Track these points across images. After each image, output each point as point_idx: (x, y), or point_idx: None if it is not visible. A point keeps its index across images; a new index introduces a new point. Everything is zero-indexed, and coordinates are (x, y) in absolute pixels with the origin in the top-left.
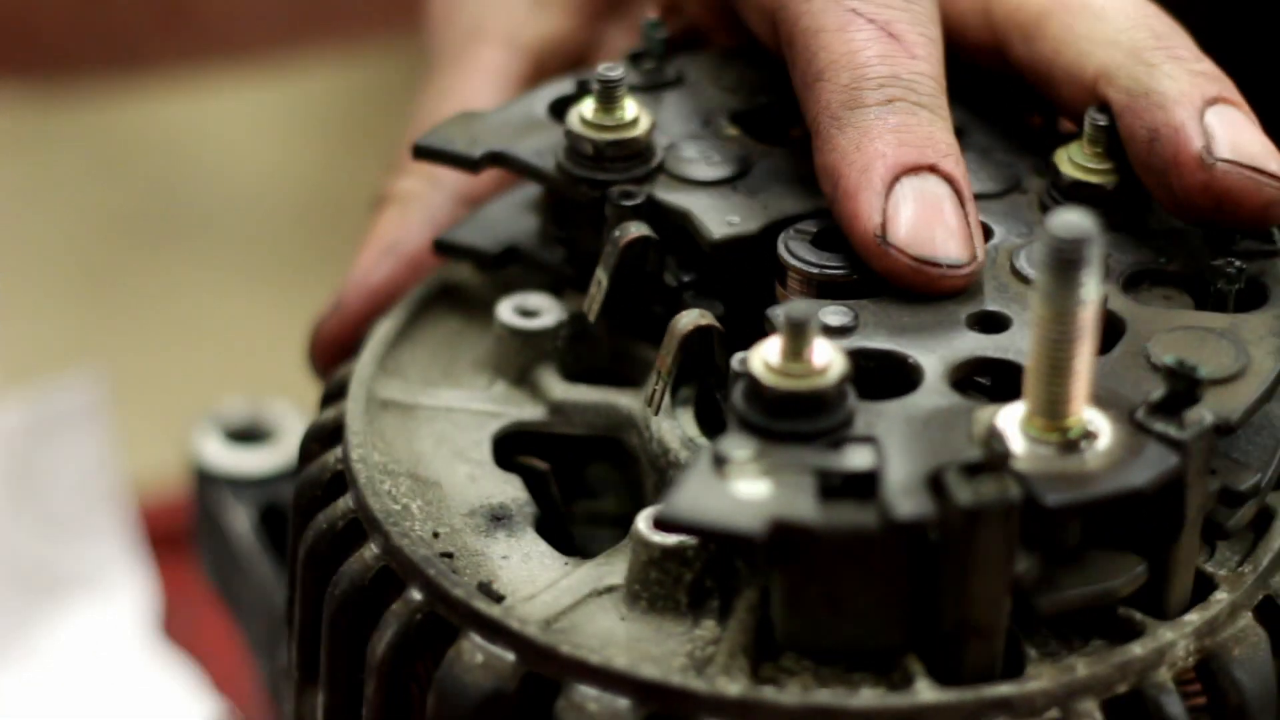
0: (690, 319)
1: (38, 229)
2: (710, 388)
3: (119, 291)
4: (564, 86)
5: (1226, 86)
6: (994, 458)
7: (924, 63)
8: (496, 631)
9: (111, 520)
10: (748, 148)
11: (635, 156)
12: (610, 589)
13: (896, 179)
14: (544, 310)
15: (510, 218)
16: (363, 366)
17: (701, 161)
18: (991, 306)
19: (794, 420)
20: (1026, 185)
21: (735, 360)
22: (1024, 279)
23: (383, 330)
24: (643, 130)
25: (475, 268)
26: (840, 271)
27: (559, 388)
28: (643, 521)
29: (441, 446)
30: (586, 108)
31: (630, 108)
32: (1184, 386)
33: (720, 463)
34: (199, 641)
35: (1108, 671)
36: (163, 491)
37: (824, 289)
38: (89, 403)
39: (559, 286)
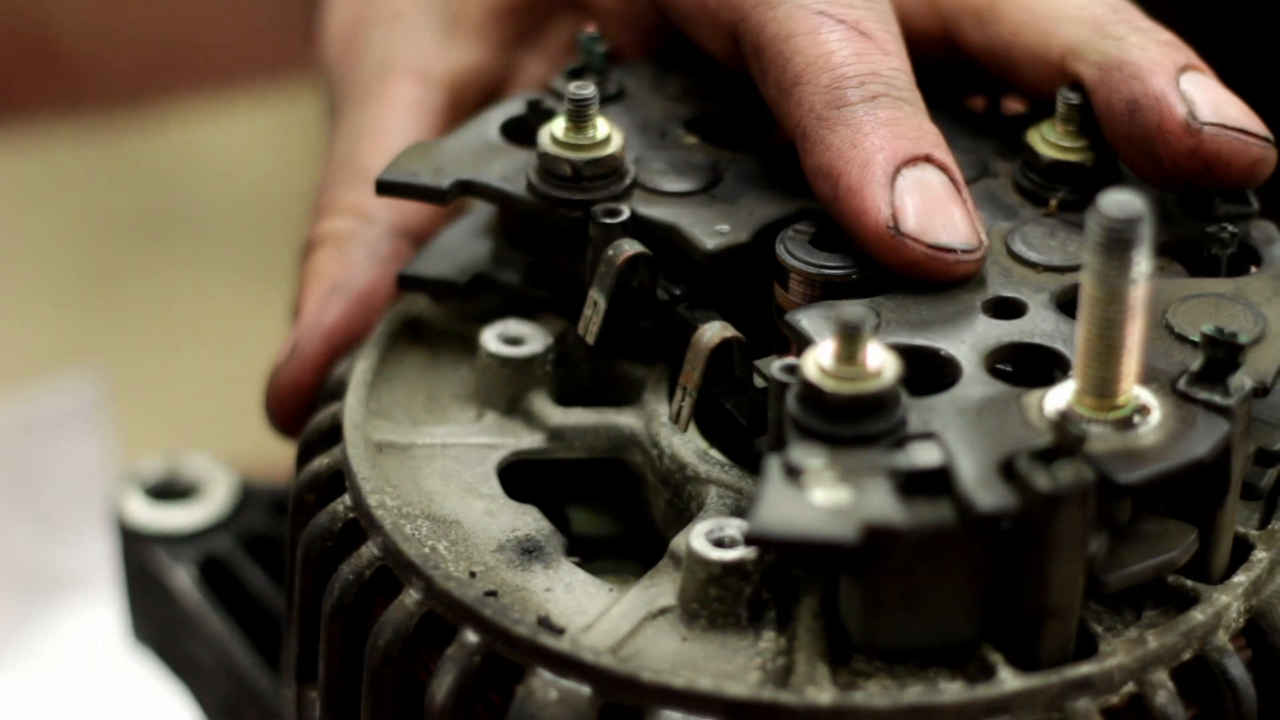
0: (715, 331)
1: (37, 229)
2: (716, 398)
3: (118, 291)
4: (513, 108)
5: (1192, 53)
6: (1070, 441)
7: (897, 58)
8: (567, 665)
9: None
10: (712, 155)
11: (612, 174)
12: (664, 610)
13: (898, 171)
14: (529, 337)
15: (467, 246)
16: (352, 410)
17: (672, 173)
18: (1003, 292)
19: (857, 424)
20: (995, 169)
21: (776, 368)
22: (1023, 261)
23: (359, 372)
24: (617, 147)
25: (433, 299)
26: (841, 271)
27: (555, 413)
28: (697, 540)
29: (449, 484)
30: (557, 128)
31: (602, 125)
32: (1225, 354)
33: (794, 473)
34: None
35: (1175, 641)
36: None
37: (828, 289)
38: (87, 403)
39: (521, 311)
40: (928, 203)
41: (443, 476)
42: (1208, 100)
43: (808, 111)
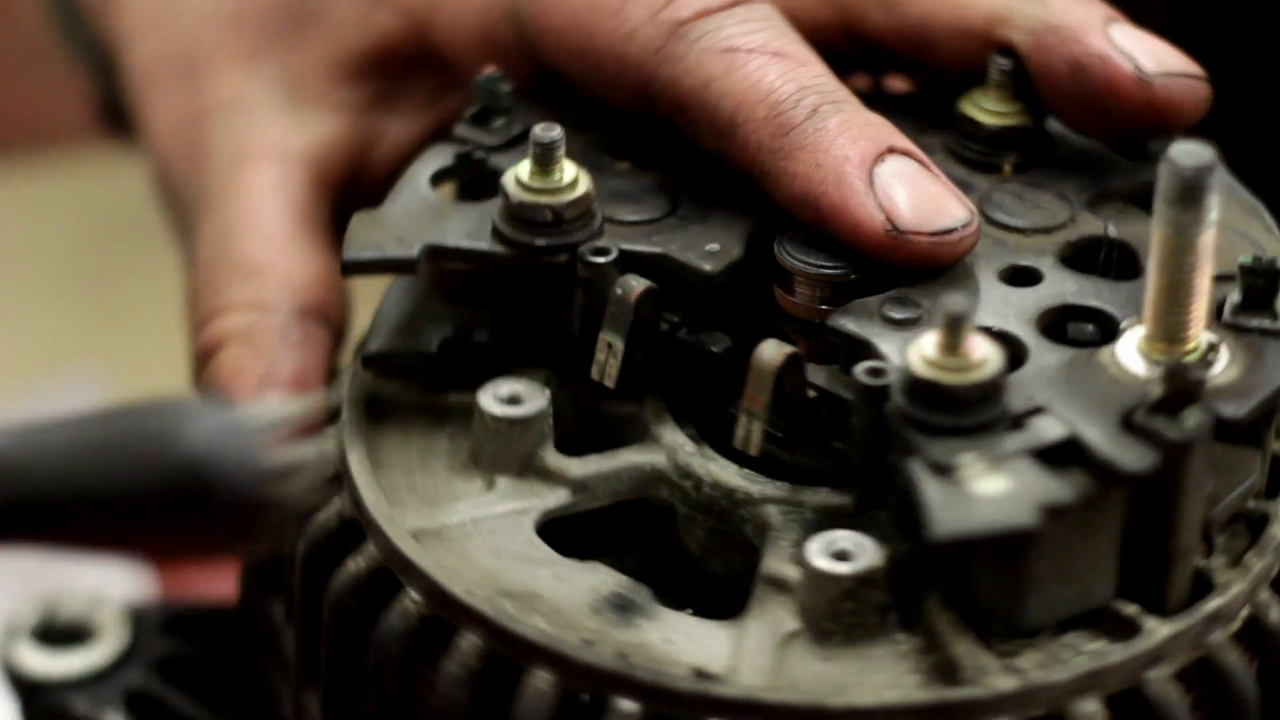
0: (775, 351)
1: (37, 229)
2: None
3: (119, 291)
4: (434, 164)
5: (1109, 7)
6: (1192, 387)
7: (815, 64)
8: (746, 711)
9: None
10: (654, 177)
11: (587, 213)
12: (791, 636)
13: (871, 173)
14: (525, 394)
15: (415, 314)
16: (375, 503)
17: (629, 203)
18: (1012, 261)
19: (979, 411)
20: (925, 144)
21: (861, 372)
22: (1008, 228)
23: (356, 462)
24: (589, 186)
25: (403, 375)
26: (839, 270)
27: (572, 464)
28: (819, 559)
29: (503, 558)
30: (523, 174)
31: (568, 167)
32: (1266, 280)
33: (945, 472)
34: None
35: (1272, 562)
36: None
37: (837, 289)
38: (87, 403)
39: (492, 369)
40: (913, 193)
41: (492, 552)
42: (1145, 51)
43: (757, 149)
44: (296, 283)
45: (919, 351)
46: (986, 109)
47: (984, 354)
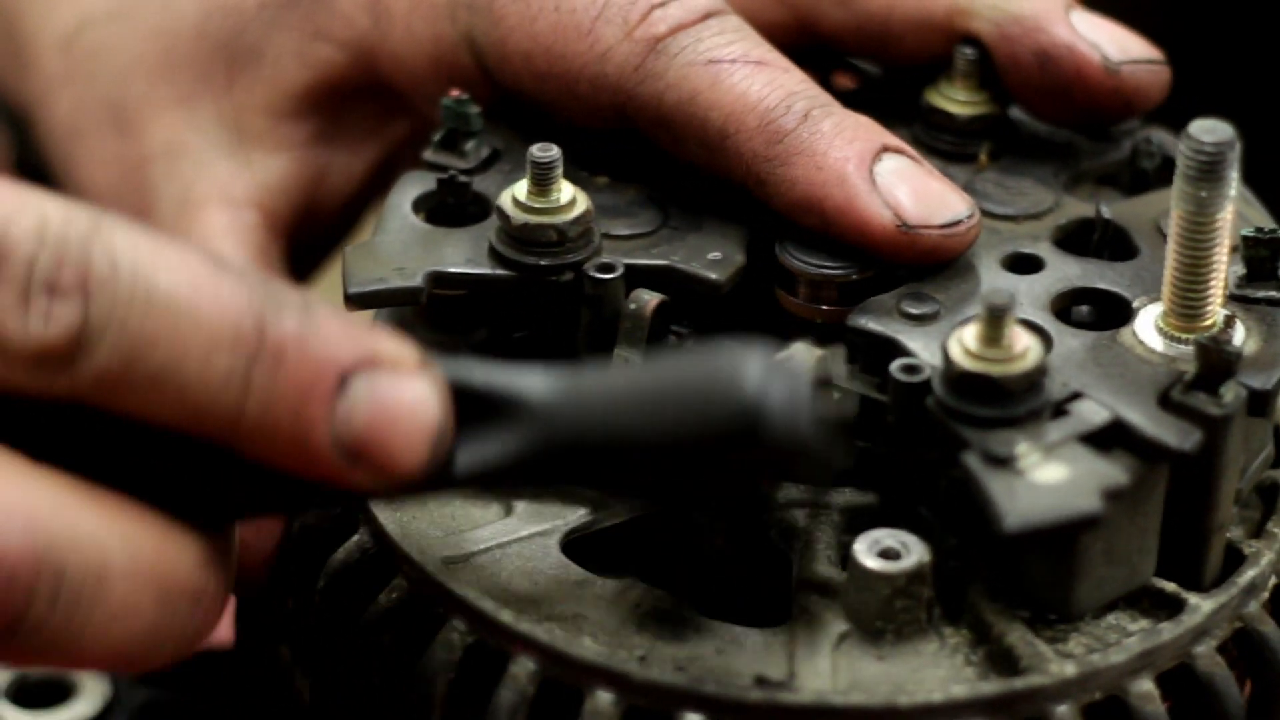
0: (806, 354)
1: None
2: None
3: None
4: (413, 190)
5: None
6: (1229, 362)
7: (796, 70)
8: (820, 717)
9: None
10: (636, 191)
11: (589, 231)
12: (842, 638)
13: (871, 172)
14: None
15: None
16: (405, 536)
17: (620, 217)
18: (1014, 249)
19: (1026, 401)
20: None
21: (896, 368)
22: (998, 217)
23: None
24: (589, 203)
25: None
26: (843, 270)
27: None
28: (868, 559)
29: (538, 581)
30: (522, 195)
31: (566, 186)
32: (1269, 250)
33: (1003, 463)
34: None
35: None
36: None
37: (842, 289)
38: None
39: None
40: (915, 189)
41: (526, 576)
42: (1109, 39)
43: (752, 159)
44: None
45: (960, 345)
46: (956, 99)
47: (1026, 343)
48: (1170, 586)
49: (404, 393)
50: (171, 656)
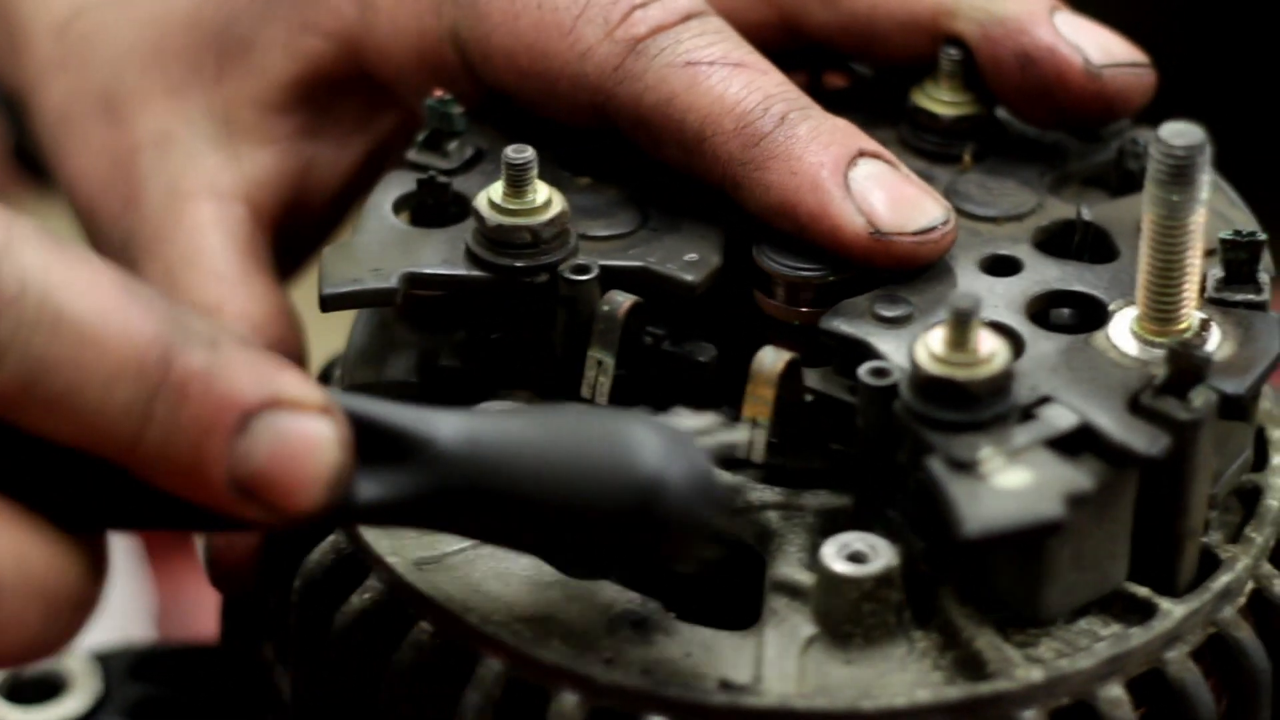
0: (775, 357)
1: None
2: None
3: None
4: (394, 190)
5: None
6: (1198, 367)
7: (775, 72)
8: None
9: None
10: (617, 192)
11: (565, 232)
12: (811, 641)
13: (846, 177)
14: None
15: (384, 344)
16: (378, 537)
17: (598, 218)
18: (992, 251)
19: (992, 405)
20: (878, 140)
21: (864, 372)
22: (978, 218)
23: None
24: (564, 204)
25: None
26: (820, 272)
27: None
28: (836, 563)
29: (510, 583)
30: (497, 197)
31: (542, 187)
32: (1248, 253)
33: (965, 468)
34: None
35: (1271, 534)
36: None
37: (819, 291)
38: None
39: (463, 395)
40: (889, 195)
41: (498, 578)
42: (1092, 42)
43: (728, 161)
44: (253, 320)
45: (926, 349)
46: (941, 100)
47: (992, 347)
48: (1143, 591)
49: (303, 433)
50: (45, 657)
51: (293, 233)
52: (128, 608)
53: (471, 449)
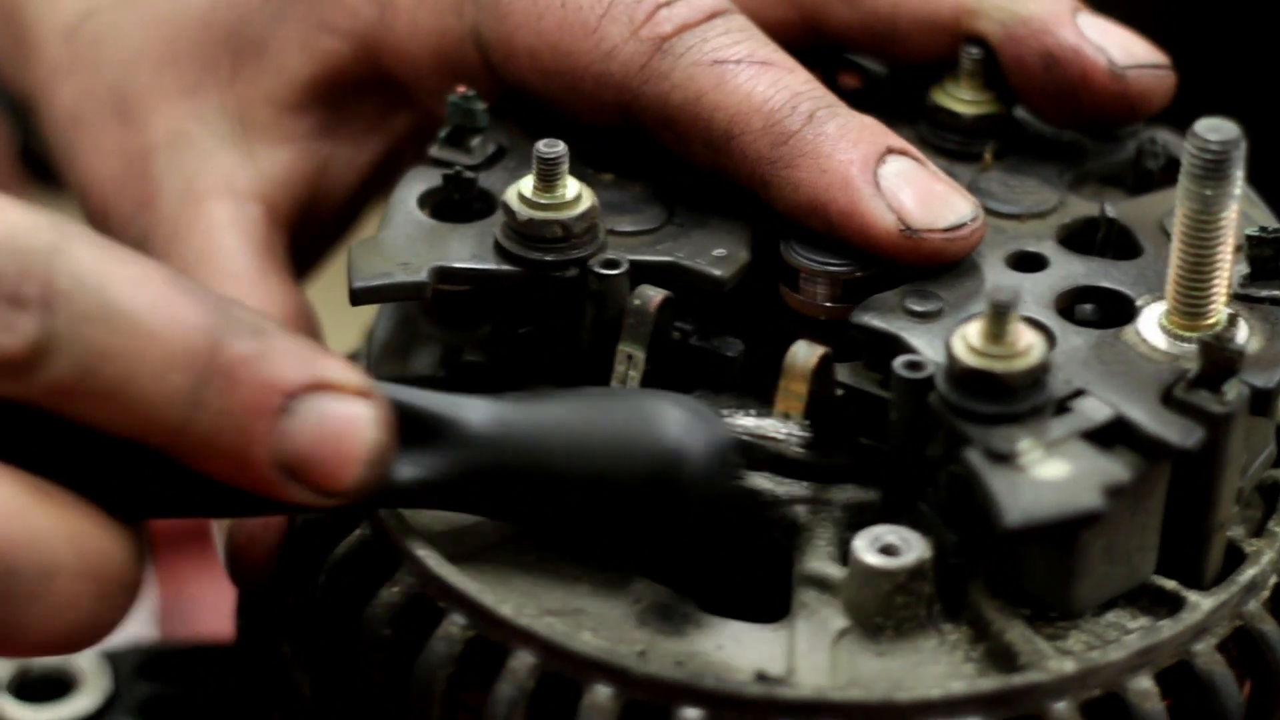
0: (809, 352)
1: None
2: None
3: None
4: (419, 185)
5: None
6: (1232, 360)
7: (802, 70)
8: (814, 712)
9: None
10: (641, 187)
11: (594, 227)
12: (842, 634)
13: (875, 174)
14: None
15: (409, 340)
16: (406, 533)
17: (625, 214)
18: (1018, 247)
19: (1029, 397)
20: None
21: (899, 365)
22: (1003, 215)
23: None
24: (594, 199)
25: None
26: (848, 268)
27: None
28: (868, 555)
29: (537, 578)
30: (528, 191)
31: (572, 182)
32: (1272, 250)
33: (1004, 460)
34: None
35: None
36: None
37: (846, 287)
38: None
39: (485, 388)
40: (919, 192)
41: (527, 571)
42: (1115, 43)
43: (756, 160)
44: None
45: (964, 342)
46: (962, 99)
47: (1029, 340)
48: (1170, 584)
49: (346, 414)
50: (93, 643)
51: (308, 232)
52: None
53: (502, 429)
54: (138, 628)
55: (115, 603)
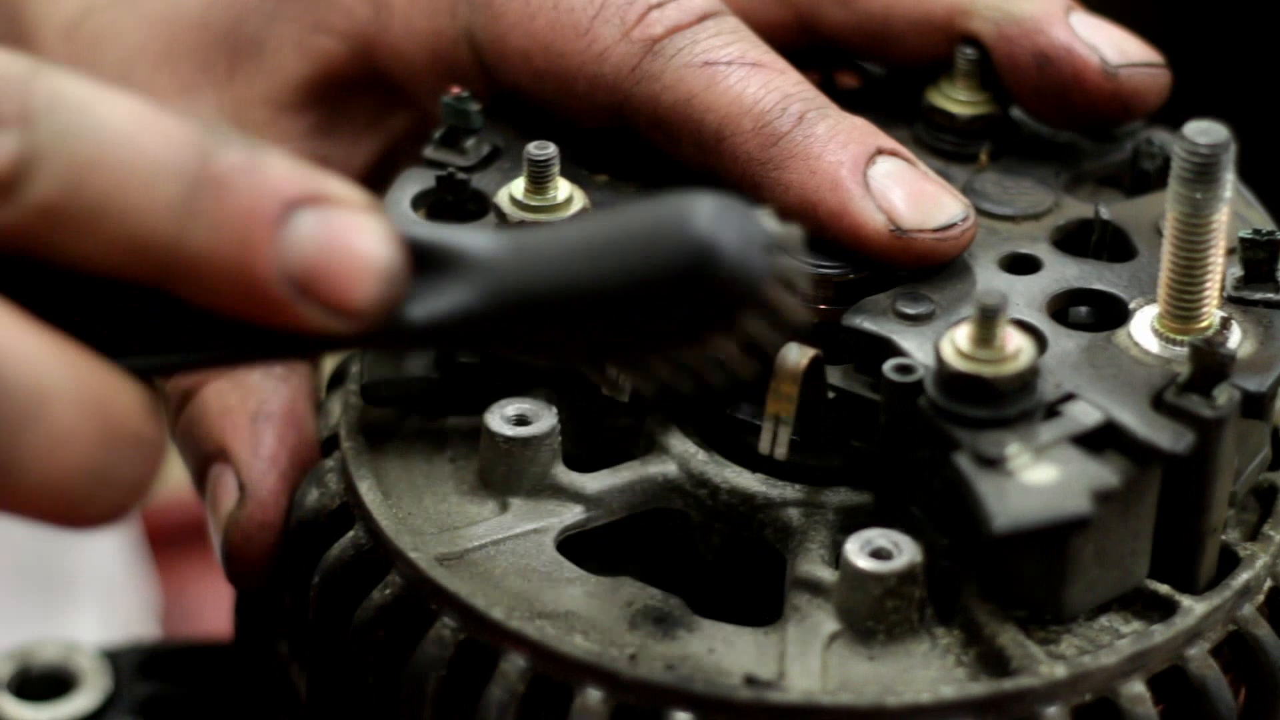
0: (799, 354)
1: None
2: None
3: None
4: (411, 188)
5: None
6: (1223, 364)
7: (793, 72)
8: (808, 716)
9: None
10: (638, 189)
11: None
12: (833, 638)
13: (865, 175)
14: (534, 413)
15: None
16: (399, 533)
17: None
18: (1012, 249)
19: (1018, 401)
20: (894, 139)
21: (889, 368)
22: (997, 217)
23: (366, 491)
24: (585, 201)
25: (401, 405)
26: (840, 270)
27: (586, 481)
28: (860, 559)
29: (531, 579)
30: (519, 193)
31: (563, 184)
32: (1266, 253)
33: (992, 463)
34: None
35: None
36: (164, 492)
37: (838, 289)
38: None
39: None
40: (909, 193)
41: (520, 573)
42: (1108, 41)
43: (747, 161)
44: None
45: (952, 345)
46: (957, 99)
47: (1018, 344)
48: (1163, 588)
49: (353, 226)
50: (113, 506)
51: None
52: (132, 605)
53: (517, 254)
54: (138, 626)
55: (126, 454)
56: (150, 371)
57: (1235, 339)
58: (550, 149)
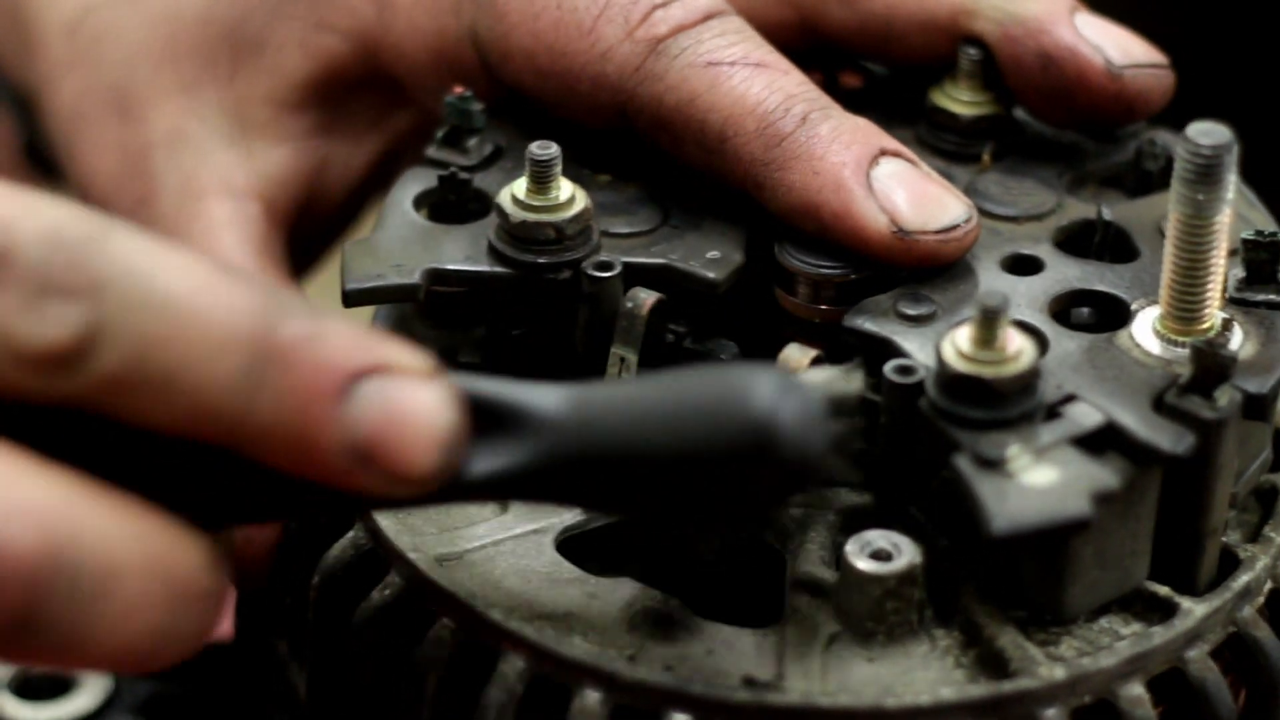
0: (800, 355)
1: None
2: None
3: None
4: (414, 186)
5: None
6: (1225, 366)
7: (796, 72)
8: (806, 718)
9: None
10: (637, 189)
11: (588, 229)
12: (832, 639)
13: (868, 176)
14: None
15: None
16: (400, 533)
17: (620, 215)
18: (1014, 250)
19: (1018, 403)
20: (897, 139)
21: (890, 369)
22: (999, 217)
23: None
24: (587, 201)
25: None
26: (842, 270)
27: None
28: (859, 560)
29: (530, 580)
30: (520, 193)
31: (565, 184)
32: (1268, 254)
33: (992, 465)
34: None
35: None
36: None
37: (840, 289)
38: None
39: None
40: (912, 194)
41: (519, 575)
42: (1112, 43)
43: (750, 162)
44: None
45: (953, 347)
46: (960, 99)
47: (1019, 345)
48: (1163, 590)
49: (415, 396)
50: (176, 656)
51: (306, 230)
52: None
53: (580, 412)
54: None
55: (191, 611)
56: (213, 524)
57: (1237, 340)
58: (553, 149)
